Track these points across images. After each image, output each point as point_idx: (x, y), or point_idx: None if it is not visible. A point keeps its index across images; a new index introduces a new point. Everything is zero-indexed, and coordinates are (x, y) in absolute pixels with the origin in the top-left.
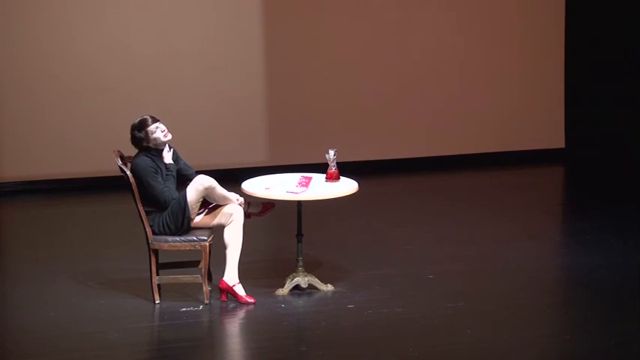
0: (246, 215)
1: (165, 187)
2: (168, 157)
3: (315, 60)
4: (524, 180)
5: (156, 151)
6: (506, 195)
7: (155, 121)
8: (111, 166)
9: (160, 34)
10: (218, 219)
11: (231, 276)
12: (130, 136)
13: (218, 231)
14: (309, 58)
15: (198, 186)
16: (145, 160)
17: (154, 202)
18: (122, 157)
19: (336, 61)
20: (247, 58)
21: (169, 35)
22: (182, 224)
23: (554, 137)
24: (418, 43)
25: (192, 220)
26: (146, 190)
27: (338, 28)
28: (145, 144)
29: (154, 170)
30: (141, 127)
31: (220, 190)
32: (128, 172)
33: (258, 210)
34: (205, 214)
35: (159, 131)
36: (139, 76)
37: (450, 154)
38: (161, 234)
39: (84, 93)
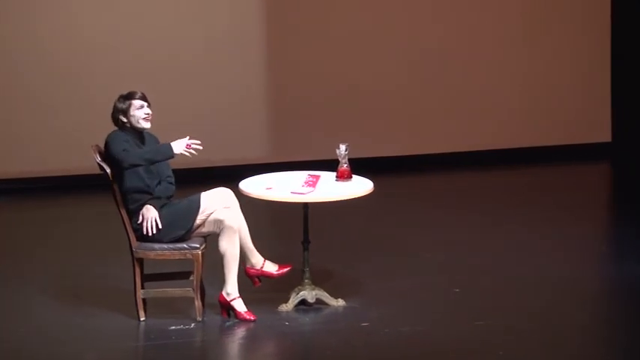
0: (257, 279)
1: (125, 150)
2: (178, 145)
3: (322, 46)
4: (564, 178)
5: (133, 132)
6: (542, 195)
7: (146, 100)
8: (89, 162)
9: (152, 23)
10: (208, 227)
11: (230, 290)
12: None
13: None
14: (315, 45)
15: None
16: (119, 134)
17: (131, 190)
18: (101, 153)
19: (345, 47)
20: (246, 44)
21: (161, 23)
22: (178, 232)
23: (598, 130)
24: (450, 29)
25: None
26: (120, 176)
27: (347, 11)
28: (122, 119)
29: (125, 142)
30: (127, 97)
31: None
32: (108, 170)
33: (275, 269)
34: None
35: (142, 111)
36: (127, 66)
37: (474, 149)
38: (148, 239)
39: (59, 82)
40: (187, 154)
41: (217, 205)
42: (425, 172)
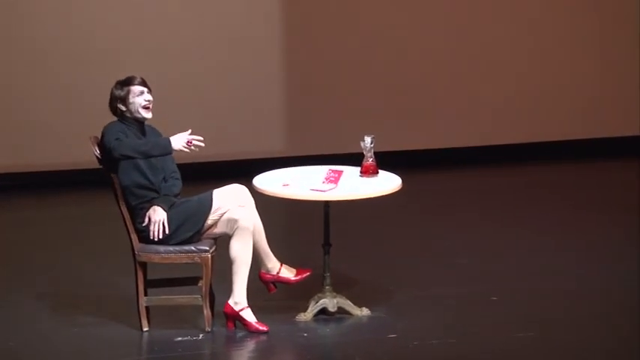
0: (273, 285)
1: (117, 140)
2: (178, 140)
3: (346, 32)
4: (597, 173)
5: (134, 123)
6: (582, 192)
7: (146, 86)
8: (87, 156)
9: (160, 5)
10: (220, 227)
11: (237, 299)
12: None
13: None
14: (339, 29)
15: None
16: (116, 125)
17: (131, 186)
18: (100, 146)
19: (370, 31)
20: (261, 29)
21: (170, 5)
22: (189, 232)
23: (627, 123)
24: (477, 18)
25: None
26: (119, 170)
27: None
28: (121, 107)
29: (121, 133)
30: (125, 83)
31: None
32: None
33: (292, 275)
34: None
35: (141, 98)
36: (129, 50)
37: (505, 143)
38: (152, 241)
39: (53, 67)
40: (187, 150)
41: (231, 203)
42: (458, 166)
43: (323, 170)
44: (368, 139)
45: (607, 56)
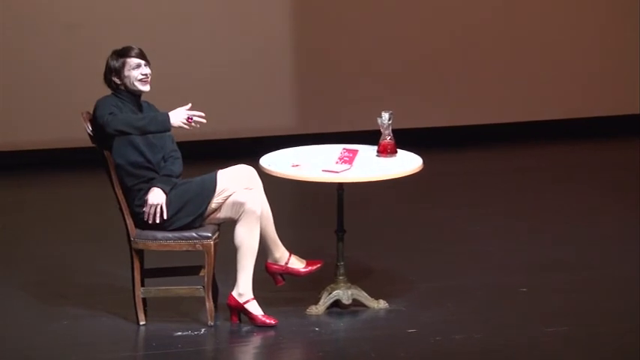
0: (281, 277)
1: (111, 114)
2: (177, 115)
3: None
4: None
5: (130, 97)
6: (615, 178)
7: (143, 58)
8: (79, 133)
9: None
10: (225, 211)
11: (242, 290)
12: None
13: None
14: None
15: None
16: (110, 98)
17: (127, 165)
18: (93, 122)
19: (388, 3)
20: None
21: None
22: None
23: (627, 101)
24: None
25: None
26: (113, 148)
27: None
28: (115, 80)
29: (115, 107)
30: (121, 53)
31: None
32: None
33: (302, 266)
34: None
35: (138, 72)
36: (130, 19)
37: (522, 120)
38: (149, 226)
39: (44, 36)
40: (187, 127)
41: (237, 185)
42: (481, 145)
43: (336, 149)
44: (386, 115)
45: (604, 32)
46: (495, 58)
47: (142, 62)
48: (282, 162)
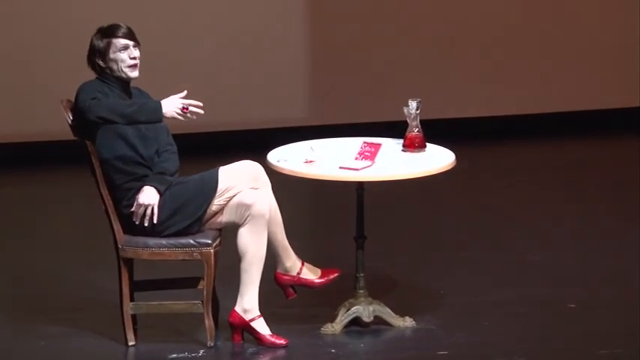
0: (292, 289)
1: (95, 99)
2: (170, 103)
3: None
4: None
5: (117, 82)
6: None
7: (132, 39)
8: (58, 125)
9: None
10: (228, 214)
11: (247, 305)
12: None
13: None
14: None
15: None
16: (94, 83)
17: (114, 159)
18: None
19: None
20: None
21: None
22: (190, 218)
23: (626, 94)
24: None
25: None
26: (98, 139)
27: None
28: (100, 63)
29: (100, 92)
30: (106, 33)
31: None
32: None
33: (316, 276)
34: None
35: (125, 54)
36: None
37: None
38: (140, 231)
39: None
40: (181, 117)
41: (242, 184)
42: (520, 137)
43: (356, 143)
44: (413, 104)
45: (604, 22)
46: (539, 45)
47: (131, 43)
48: (293, 157)
